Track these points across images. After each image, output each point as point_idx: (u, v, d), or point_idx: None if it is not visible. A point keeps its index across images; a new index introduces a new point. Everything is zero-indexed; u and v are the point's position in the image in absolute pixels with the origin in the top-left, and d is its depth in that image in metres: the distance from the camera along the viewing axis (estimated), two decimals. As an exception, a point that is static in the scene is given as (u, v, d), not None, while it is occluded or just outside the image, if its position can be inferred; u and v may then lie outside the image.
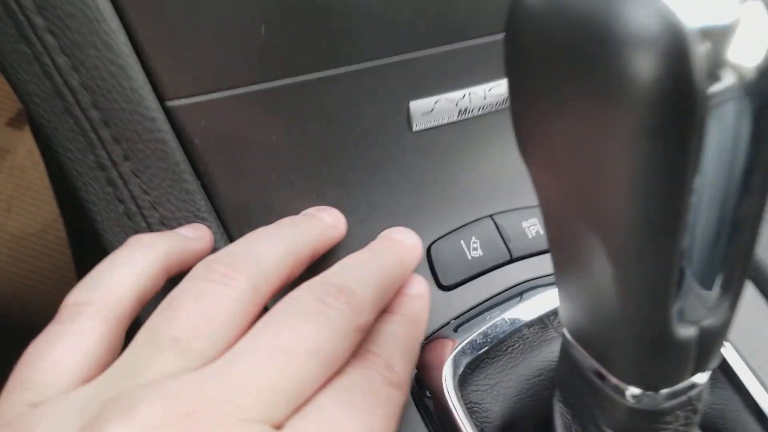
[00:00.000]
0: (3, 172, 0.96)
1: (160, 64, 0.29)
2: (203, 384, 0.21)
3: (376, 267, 0.29)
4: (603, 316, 0.26)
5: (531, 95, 0.22)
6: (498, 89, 0.36)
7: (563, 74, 0.20)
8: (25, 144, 0.97)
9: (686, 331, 0.24)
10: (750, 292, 0.40)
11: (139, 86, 0.28)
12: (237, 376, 0.22)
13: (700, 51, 0.18)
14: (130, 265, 0.27)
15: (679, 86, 0.18)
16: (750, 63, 0.19)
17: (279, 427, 0.22)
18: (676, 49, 0.17)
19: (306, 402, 0.23)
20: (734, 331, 0.37)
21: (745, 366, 0.37)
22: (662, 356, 0.25)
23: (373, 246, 0.33)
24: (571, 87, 0.20)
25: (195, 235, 0.30)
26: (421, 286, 0.33)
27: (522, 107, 0.23)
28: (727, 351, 0.37)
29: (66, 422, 0.20)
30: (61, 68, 0.27)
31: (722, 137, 0.20)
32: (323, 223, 0.32)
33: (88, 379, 0.24)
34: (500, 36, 0.36)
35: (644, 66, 0.18)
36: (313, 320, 0.24)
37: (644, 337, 0.24)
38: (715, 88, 0.19)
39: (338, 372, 0.25)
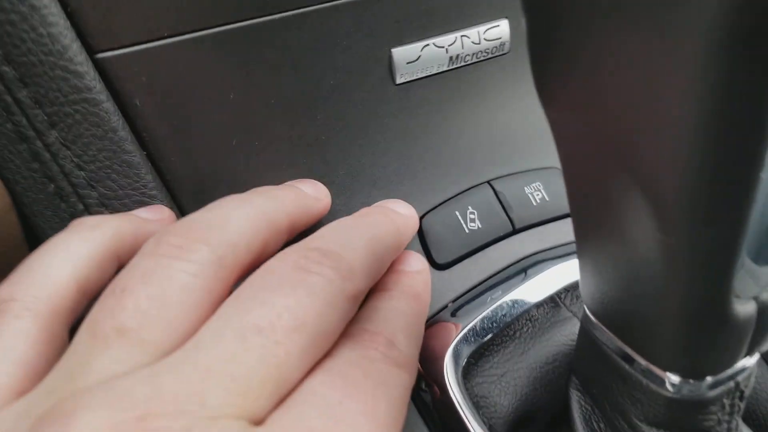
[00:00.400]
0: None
1: (86, 5, 0.23)
2: (158, 380, 0.17)
3: (366, 230, 0.24)
4: (640, 292, 0.21)
5: (557, 10, 0.17)
6: (495, 31, 0.31)
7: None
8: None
9: (745, 308, 0.20)
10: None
11: (60, 32, 0.23)
12: (201, 366, 0.17)
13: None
14: (67, 252, 0.22)
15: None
16: None
17: (260, 422, 0.18)
18: None
19: (292, 390, 0.19)
20: None
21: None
22: (717, 337, 0.20)
23: (363, 211, 0.28)
24: None
25: (153, 216, 0.25)
26: (419, 263, 0.28)
27: (544, 28, 0.18)
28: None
29: None
30: (-44, 11, 0.22)
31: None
32: (303, 193, 0.27)
33: (23, 392, 0.19)
34: (494, -28, 0.31)
35: None
36: (291, 290, 0.19)
37: (697, 315, 0.20)
38: None
39: (329, 354, 0.20)
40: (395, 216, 0.28)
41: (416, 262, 0.28)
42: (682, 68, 0.14)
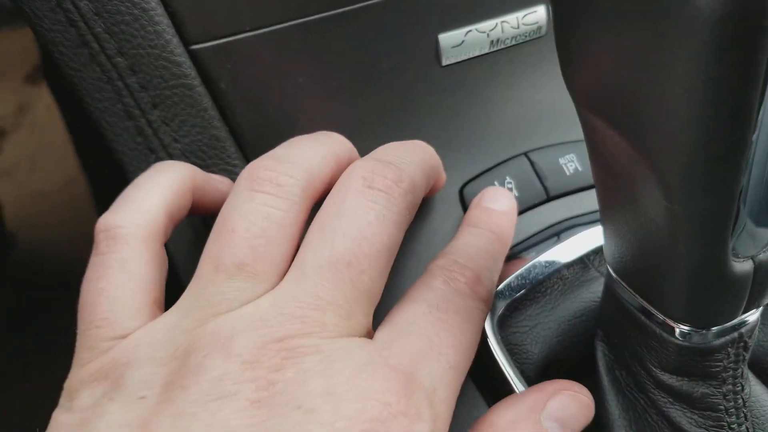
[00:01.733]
0: (24, 129, 0.96)
1: (183, 6, 0.27)
2: (284, 308, 0.21)
3: (414, 147, 0.29)
4: (653, 253, 0.25)
5: (582, 14, 0.20)
6: (532, 16, 0.34)
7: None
8: (43, 100, 0.96)
9: (742, 267, 0.23)
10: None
11: (163, 30, 0.27)
12: (312, 294, 0.22)
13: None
14: (156, 183, 0.26)
15: (748, 6, 0.16)
16: None
17: (370, 335, 0.22)
18: None
19: (395, 311, 0.23)
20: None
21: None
22: (717, 293, 0.24)
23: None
24: (628, 3, 0.18)
25: (222, 179, 0.30)
26: (508, 202, 0.32)
27: (570, 29, 0.21)
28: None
29: (161, 350, 0.21)
30: (85, 14, 0.26)
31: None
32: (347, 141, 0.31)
33: (154, 302, 0.24)
34: (534, -39, 0.34)
35: None
36: (364, 217, 0.23)
37: (699, 273, 0.23)
38: None
39: (426, 283, 0.25)
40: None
41: (505, 200, 0.32)
42: (681, 67, 0.18)
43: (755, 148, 0.20)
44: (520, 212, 0.37)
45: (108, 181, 0.85)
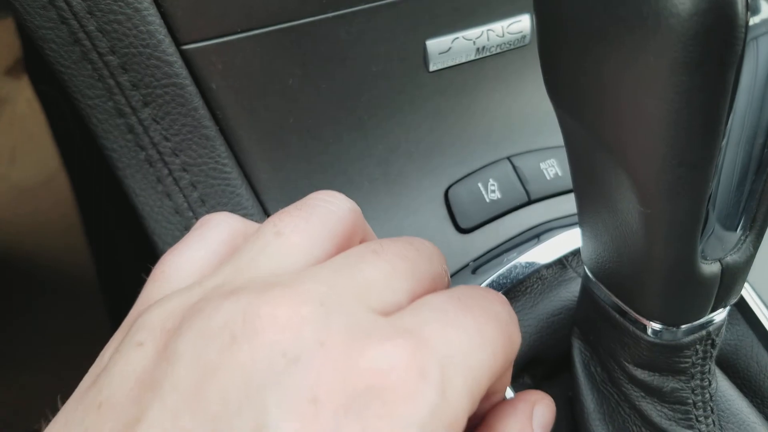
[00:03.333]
0: (3, 122, 0.95)
1: (175, 7, 0.28)
2: (329, 280, 0.21)
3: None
4: (627, 255, 0.26)
5: (562, 31, 0.21)
6: (517, 26, 0.35)
7: (597, 5, 0.20)
8: (23, 93, 0.95)
9: (710, 268, 0.25)
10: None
11: (156, 29, 0.28)
12: (353, 275, 0.21)
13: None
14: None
15: (722, 18, 0.17)
16: None
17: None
18: None
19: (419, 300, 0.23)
20: (752, 268, 0.37)
21: (759, 302, 0.37)
22: (687, 292, 0.25)
23: None
24: (607, 19, 0.19)
25: None
26: None
27: (551, 45, 0.22)
28: (743, 288, 0.37)
29: (181, 307, 0.20)
30: (77, 12, 0.27)
31: (756, 73, 0.20)
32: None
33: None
34: (519, -31, 0.35)
35: None
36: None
37: (670, 274, 0.24)
38: (754, 20, 0.18)
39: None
40: None
41: None
42: (655, 79, 0.19)
43: (723, 155, 0.22)
44: (503, 214, 0.38)
45: (91, 175, 0.85)
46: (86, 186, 0.92)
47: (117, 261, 0.91)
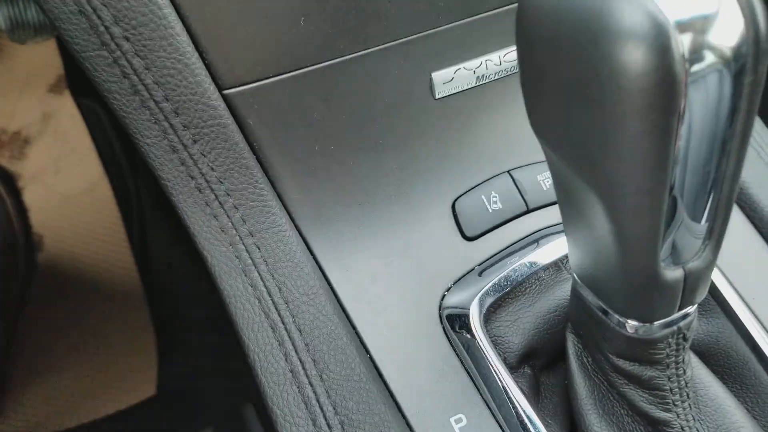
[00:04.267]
0: (48, 136, 1.02)
1: (218, 60, 0.33)
2: None
3: None
4: (603, 263, 0.31)
5: (539, 81, 0.26)
6: (511, 55, 0.40)
7: (565, 65, 0.24)
8: (66, 109, 1.02)
9: (673, 273, 0.29)
10: (747, 231, 0.44)
11: (202, 80, 0.33)
12: None
13: (681, 46, 0.22)
14: None
15: (663, 77, 0.22)
16: (727, 44, 0.23)
17: None
18: (660, 47, 0.22)
19: None
20: (729, 265, 0.42)
21: (737, 297, 0.41)
22: (653, 295, 0.30)
23: None
24: (573, 75, 0.24)
25: None
26: None
27: (533, 93, 0.27)
28: (721, 283, 0.41)
29: None
30: (137, 69, 0.32)
31: (706, 106, 0.25)
32: None
33: None
34: (512, 6, 0.39)
35: (634, 60, 0.22)
36: None
37: (638, 279, 0.29)
38: (697, 67, 0.23)
39: None
40: None
41: None
42: (613, 124, 0.23)
43: (683, 179, 0.26)
44: (504, 223, 0.42)
45: (128, 186, 0.91)
46: (126, 192, 0.99)
47: (156, 261, 0.98)
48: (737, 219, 0.44)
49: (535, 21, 0.25)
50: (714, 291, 0.42)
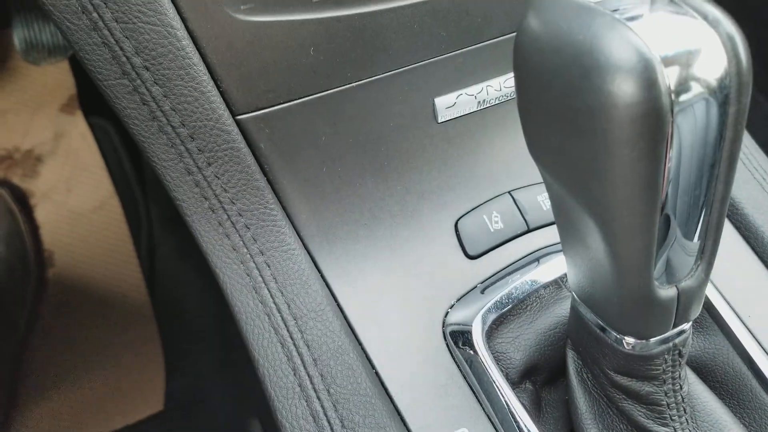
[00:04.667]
0: (60, 155, 1.04)
1: (232, 87, 0.35)
2: None
3: None
4: (600, 282, 0.32)
5: (535, 110, 0.27)
6: (512, 81, 0.41)
7: (559, 96, 0.26)
8: (78, 128, 1.04)
9: (667, 292, 0.30)
10: (742, 250, 0.46)
11: (217, 107, 0.35)
12: None
13: (667, 79, 0.23)
14: None
15: (651, 108, 0.23)
16: (712, 76, 0.24)
17: None
18: (648, 80, 0.23)
19: None
20: (724, 284, 0.43)
21: (733, 314, 0.43)
22: (649, 312, 0.31)
23: None
24: (565, 105, 0.26)
25: None
26: None
27: (530, 122, 0.28)
28: (717, 301, 0.43)
29: None
30: (156, 96, 0.34)
31: (694, 132, 0.26)
32: None
33: None
34: (510, 35, 0.41)
35: (622, 93, 0.24)
36: None
37: (633, 298, 0.30)
38: (684, 97, 0.24)
39: None
40: None
41: None
42: (605, 152, 0.25)
43: (675, 202, 0.28)
44: (506, 242, 0.44)
45: (137, 204, 0.93)
46: (135, 209, 1.01)
47: (164, 277, 0.99)
48: (732, 238, 0.45)
49: (531, 54, 0.27)
50: (710, 309, 0.43)
